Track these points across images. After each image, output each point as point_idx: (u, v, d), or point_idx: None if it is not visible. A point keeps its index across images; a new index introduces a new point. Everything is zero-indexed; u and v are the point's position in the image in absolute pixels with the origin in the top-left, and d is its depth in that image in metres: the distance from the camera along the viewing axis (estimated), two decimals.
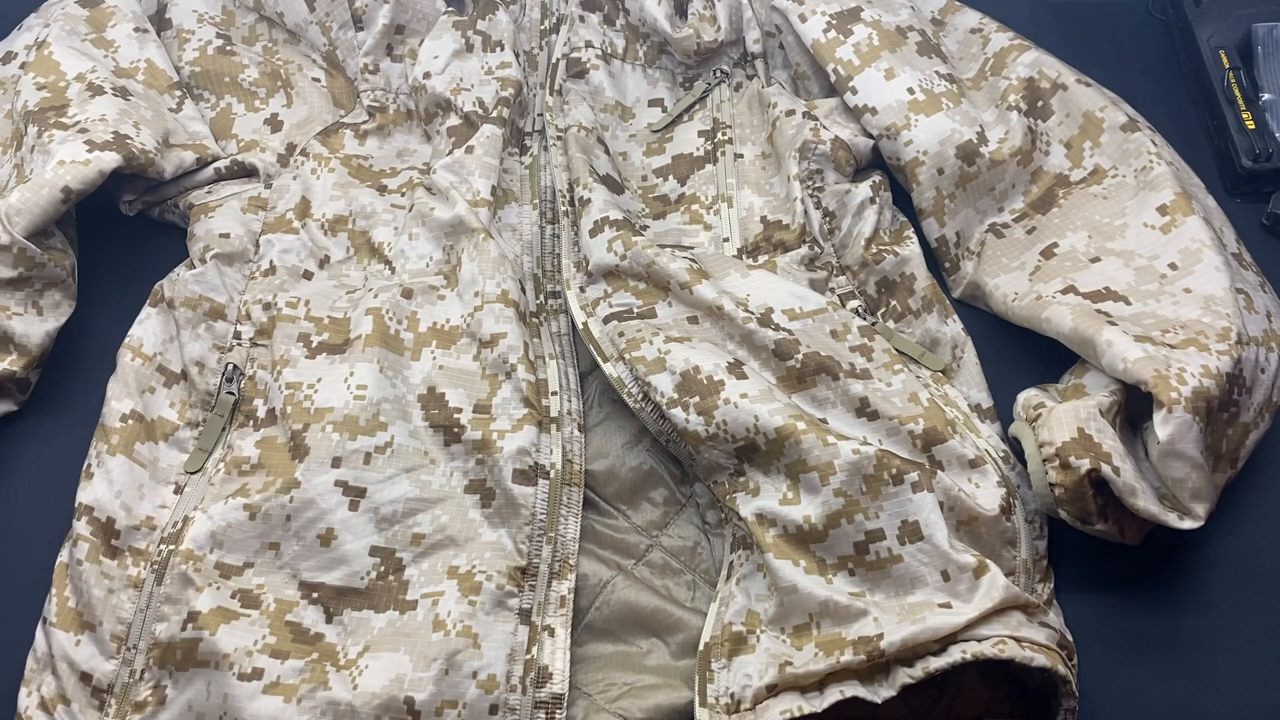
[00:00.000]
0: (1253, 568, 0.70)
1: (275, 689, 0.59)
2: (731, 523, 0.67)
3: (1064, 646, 0.62)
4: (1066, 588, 0.68)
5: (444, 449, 0.67)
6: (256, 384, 0.71)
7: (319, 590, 0.63)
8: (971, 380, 0.73)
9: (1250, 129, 0.84)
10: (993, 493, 0.65)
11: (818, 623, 0.61)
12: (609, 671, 0.64)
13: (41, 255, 0.72)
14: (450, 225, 0.75)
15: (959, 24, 0.88)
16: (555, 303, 0.76)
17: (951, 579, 0.60)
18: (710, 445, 0.65)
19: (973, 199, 0.79)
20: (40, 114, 0.77)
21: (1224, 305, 0.68)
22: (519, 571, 0.63)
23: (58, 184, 0.72)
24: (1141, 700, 0.65)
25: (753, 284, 0.72)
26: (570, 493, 0.67)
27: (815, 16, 0.83)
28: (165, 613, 0.61)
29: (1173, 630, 0.68)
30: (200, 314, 0.73)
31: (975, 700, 0.63)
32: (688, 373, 0.66)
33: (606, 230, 0.74)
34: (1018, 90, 0.80)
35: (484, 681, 0.59)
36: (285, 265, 0.76)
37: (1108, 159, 0.78)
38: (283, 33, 0.88)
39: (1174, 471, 0.64)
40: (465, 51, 0.83)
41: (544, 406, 0.69)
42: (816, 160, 0.79)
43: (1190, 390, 0.63)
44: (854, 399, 0.66)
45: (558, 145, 0.80)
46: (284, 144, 0.83)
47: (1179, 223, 0.73)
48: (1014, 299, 0.75)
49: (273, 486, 0.64)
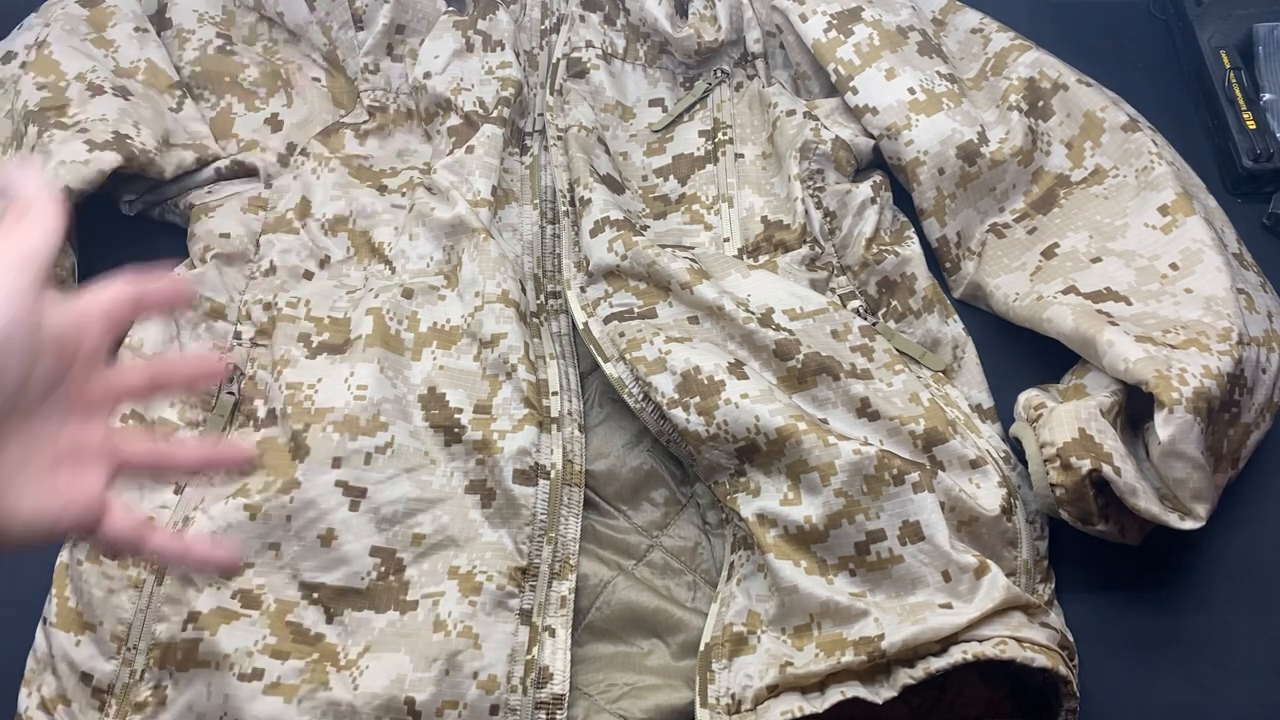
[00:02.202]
0: (1253, 568, 0.70)
1: (276, 689, 0.59)
2: (732, 523, 0.67)
3: (1065, 647, 0.62)
4: (1067, 588, 0.68)
5: (444, 449, 0.67)
6: (257, 384, 0.71)
7: (319, 590, 0.62)
8: (972, 380, 0.73)
9: (1251, 129, 0.84)
10: (994, 493, 0.64)
11: (818, 623, 0.61)
12: (609, 672, 0.64)
13: None
14: (451, 225, 0.75)
15: (959, 24, 0.88)
16: (556, 303, 0.76)
17: (952, 579, 0.60)
18: (711, 445, 0.65)
19: (973, 199, 0.79)
20: (40, 114, 0.77)
21: (1225, 305, 0.68)
22: (519, 572, 0.63)
23: (57, 184, 0.72)
24: (1141, 700, 0.65)
25: (753, 284, 0.72)
26: (571, 493, 0.67)
27: (816, 16, 0.83)
28: (165, 613, 0.61)
29: (1173, 630, 0.68)
30: (200, 314, 0.73)
31: (976, 701, 0.63)
32: (688, 373, 0.66)
33: (607, 230, 0.74)
34: (1018, 90, 0.80)
35: (484, 682, 0.59)
36: (285, 265, 0.76)
37: (1109, 159, 0.78)
38: (283, 32, 0.88)
39: (1175, 472, 0.64)
40: (466, 51, 0.83)
41: (544, 407, 0.69)
42: (817, 160, 0.79)
43: (1191, 390, 0.63)
44: (855, 399, 0.66)
45: (558, 145, 0.80)
46: (284, 144, 0.83)
47: (1180, 223, 0.73)
48: (1015, 299, 0.75)
49: (273, 487, 0.64)
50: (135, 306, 0.44)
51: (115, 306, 0.43)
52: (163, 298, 0.45)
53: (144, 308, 0.44)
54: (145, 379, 0.45)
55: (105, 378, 0.43)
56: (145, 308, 0.44)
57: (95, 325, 0.42)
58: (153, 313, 0.52)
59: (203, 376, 0.48)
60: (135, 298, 0.44)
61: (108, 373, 0.43)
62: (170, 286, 0.45)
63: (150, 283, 0.45)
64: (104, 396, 0.43)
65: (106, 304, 0.43)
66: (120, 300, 0.43)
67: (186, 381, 0.47)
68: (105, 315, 0.43)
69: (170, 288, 0.45)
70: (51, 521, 0.40)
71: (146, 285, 0.44)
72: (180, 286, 0.46)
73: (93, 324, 0.42)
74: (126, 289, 0.44)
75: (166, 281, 0.45)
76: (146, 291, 0.44)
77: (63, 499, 0.41)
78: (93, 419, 0.43)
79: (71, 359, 0.41)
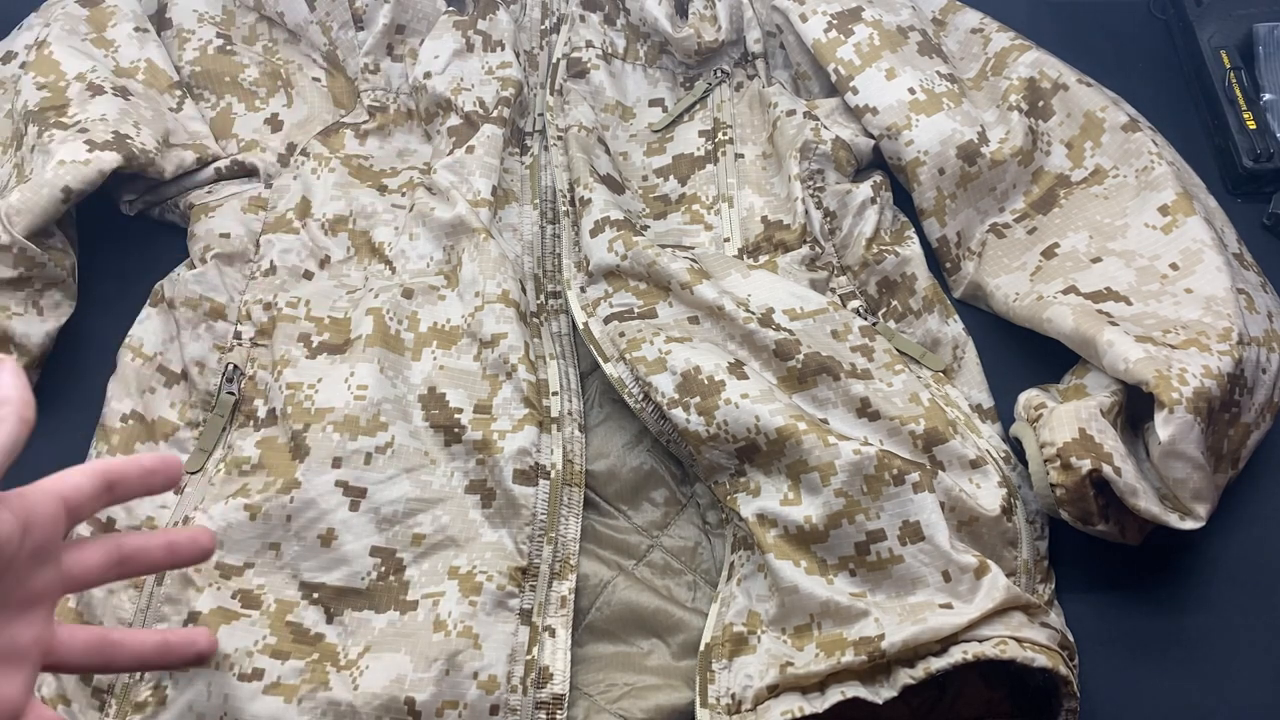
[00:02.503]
0: (1253, 568, 0.70)
1: (276, 689, 0.59)
2: (732, 523, 0.67)
3: (1065, 647, 0.62)
4: (1067, 588, 0.68)
5: (444, 449, 0.67)
6: (257, 384, 0.71)
7: (319, 591, 0.62)
8: (972, 380, 0.73)
9: (1251, 129, 0.84)
10: (994, 493, 0.64)
11: (819, 623, 0.61)
12: (610, 672, 0.64)
13: (42, 255, 0.72)
14: (451, 225, 0.75)
15: (960, 24, 0.88)
16: (556, 303, 0.76)
17: (952, 579, 0.60)
18: (711, 445, 0.65)
19: (974, 199, 0.79)
20: (40, 114, 0.77)
21: (1225, 305, 0.68)
22: (520, 572, 0.63)
23: (58, 184, 0.72)
24: (1142, 700, 0.65)
25: (753, 284, 0.72)
26: (571, 493, 0.67)
27: (816, 16, 0.83)
28: (165, 613, 0.61)
29: (1173, 630, 0.68)
30: (200, 314, 0.73)
31: (976, 701, 0.63)
32: (688, 373, 0.66)
33: (607, 230, 0.74)
34: (1019, 90, 0.80)
35: (484, 682, 0.59)
36: (285, 265, 0.76)
37: (1109, 159, 0.78)
38: (283, 32, 0.88)
39: (1175, 472, 0.64)
40: (466, 51, 0.83)
41: (545, 407, 0.69)
42: (817, 160, 0.79)
43: (1191, 391, 0.63)
44: (855, 399, 0.66)
45: (558, 145, 0.80)
46: (284, 144, 0.83)
47: (1180, 223, 0.73)
48: (1015, 299, 0.75)
49: (273, 487, 0.64)
50: (106, 494, 0.38)
51: (78, 495, 0.37)
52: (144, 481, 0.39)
53: (120, 495, 0.38)
54: (105, 557, 0.39)
55: (56, 568, 0.37)
56: (122, 495, 0.38)
57: (46, 519, 0.36)
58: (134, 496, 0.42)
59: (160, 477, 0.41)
60: (106, 485, 0.38)
61: (62, 560, 0.38)
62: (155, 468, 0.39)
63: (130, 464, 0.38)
64: (49, 590, 0.37)
65: (67, 492, 0.37)
66: (84, 489, 0.37)
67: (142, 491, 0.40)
68: (62, 506, 0.37)
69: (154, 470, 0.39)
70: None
71: (125, 470, 0.38)
72: (171, 468, 0.39)
73: (43, 518, 0.36)
74: (94, 477, 0.38)
75: (151, 462, 0.39)
76: (122, 478, 0.38)
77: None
78: (28, 616, 0.37)
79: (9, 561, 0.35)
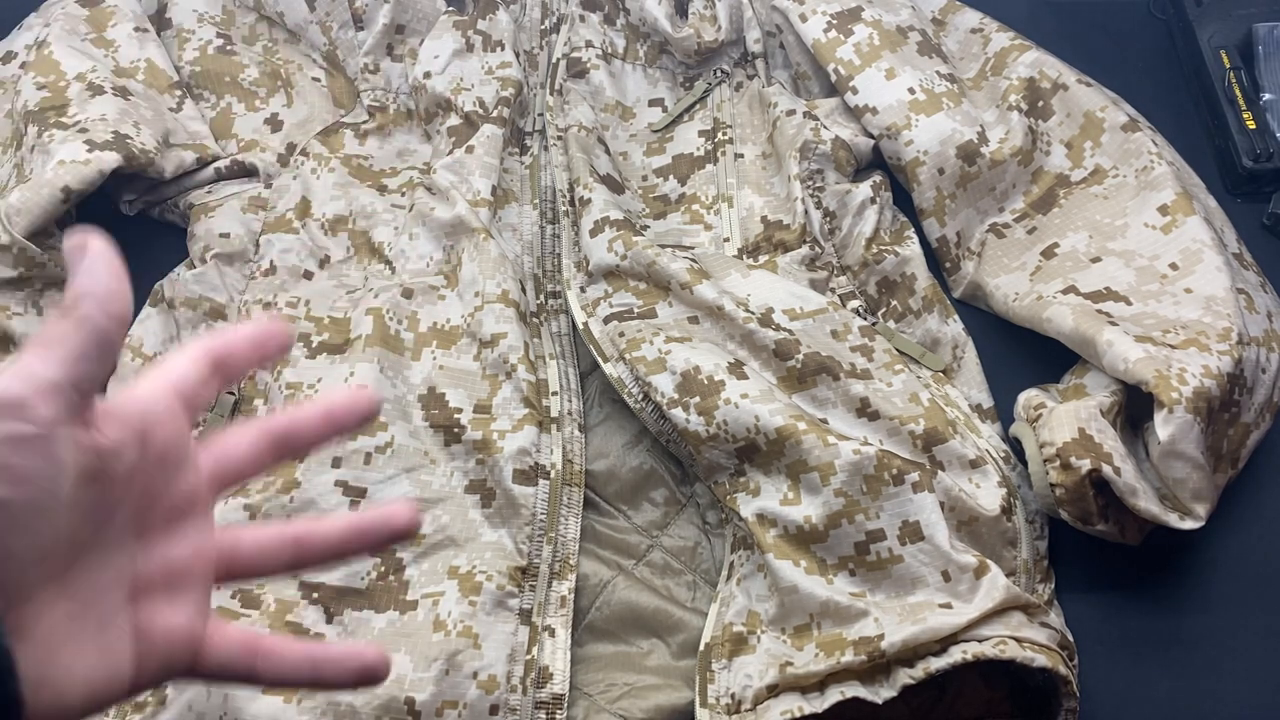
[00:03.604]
0: (1253, 568, 0.70)
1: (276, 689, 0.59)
2: (732, 523, 0.67)
3: (1065, 647, 0.62)
4: (1067, 588, 0.68)
5: (444, 449, 0.67)
6: (256, 384, 0.71)
7: (319, 590, 0.62)
8: (972, 380, 0.73)
9: (1251, 129, 0.84)
10: (993, 493, 0.64)
11: (818, 623, 0.61)
12: (609, 672, 0.64)
13: (42, 255, 0.72)
14: (450, 225, 0.75)
15: (959, 24, 0.88)
16: (555, 303, 0.76)
17: (952, 579, 0.60)
18: (711, 445, 0.65)
19: (973, 199, 0.79)
20: (40, 114, 0.77)
21: (1225, 305, 0.68)
22: (519, 571, 0.63)
23: (58, 184, 0.72)
24: (1141, 700, 0.65)
25: (753, 284, 0.72)
26: (570, 493, 0.67)
27: (816, 16, 0.83)
28: None
29: (1173, 630, 0.68)
30: (200, 314, 0.73)
31: (976, 700, 0.63)
32: (688, 373, 0.66)
33: (607, 230, 0.74)
34: (1018, 90, 0.80)
35: (484, 682, 0.59)
36: (285, 265, 0.76)
37: (1108, 159, 0.78)
38: (283, 32, 0.88)
39: (1175, 472, 0.64)
40: (465, 51, 0.83)
41: (544, 406, 0.69)
42: (817, 160, 0.79)
43: (1191, 390, 0.63)
44: (854, 399, 0.66)
45: (558, 145, 0.80)
46: (284, 144, 0.83)
47: (1180, 223, 0.73)
48: (1015, 299, 0.75)
49: (273, 486, 0.64)
50: (217, 376, 0.33)
51: (188, 385, 0.32)
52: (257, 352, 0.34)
53: (233, 373, 0.33)
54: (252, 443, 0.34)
55: (195, 470, 0.32)
56: (235, 370, 0.33)
57: (163, 420, 0.31)
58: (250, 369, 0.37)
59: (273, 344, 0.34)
60: (215, 366, 0.33)
61: (200, 459, 0.33)
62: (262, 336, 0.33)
63: (236, 336, 0.33)
64: (196, 495, 0.32)
65: (175, 384, 0.32)
66: (191, 377, 0.32)
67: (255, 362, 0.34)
68: (178, 400, 0.32)
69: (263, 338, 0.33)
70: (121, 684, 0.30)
71: (230, 345, 0.33)
72: (280, 333, 0.34)
73: (159, 419, 0.31)
74: (199, 360, 0.32)
75: (256, 329, 0.33)
76: (231, 350, 0.33)
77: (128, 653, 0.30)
78: (178, 530, 0.32)
79: (129, 477, 0.30)
